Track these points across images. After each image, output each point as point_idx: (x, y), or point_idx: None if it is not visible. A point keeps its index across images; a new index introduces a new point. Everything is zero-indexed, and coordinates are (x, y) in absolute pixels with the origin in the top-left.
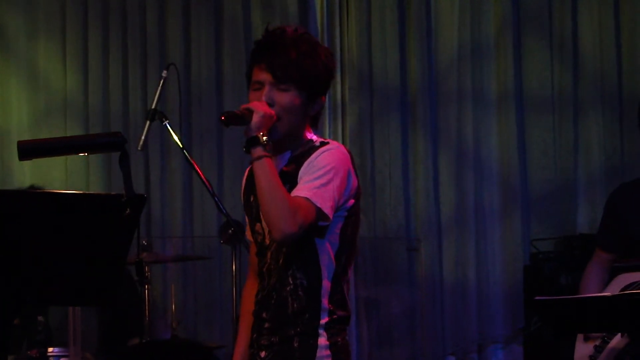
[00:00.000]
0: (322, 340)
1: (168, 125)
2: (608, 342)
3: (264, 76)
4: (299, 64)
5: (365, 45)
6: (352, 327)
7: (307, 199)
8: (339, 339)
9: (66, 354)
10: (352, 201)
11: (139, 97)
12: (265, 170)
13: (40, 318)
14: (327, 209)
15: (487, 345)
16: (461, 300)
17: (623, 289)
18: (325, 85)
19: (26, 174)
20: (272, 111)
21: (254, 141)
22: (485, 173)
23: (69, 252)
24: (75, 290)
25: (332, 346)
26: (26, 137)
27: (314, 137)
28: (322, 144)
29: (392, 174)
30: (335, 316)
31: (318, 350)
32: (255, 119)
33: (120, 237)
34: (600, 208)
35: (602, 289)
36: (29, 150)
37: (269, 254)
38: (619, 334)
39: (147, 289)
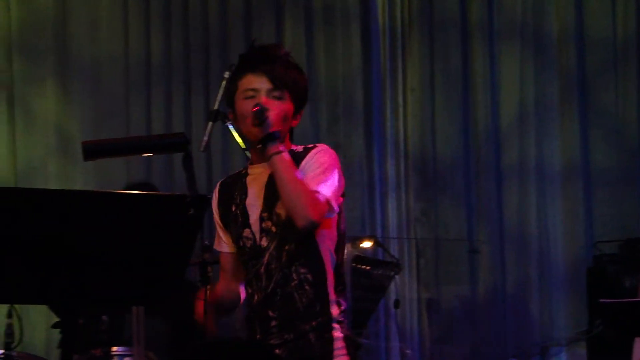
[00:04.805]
0: (337, 333)
1: (230, 127)
2: None
3: (260, 84)
4: (293, 75)
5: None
6: (414, 326)
7: (318, 191)
8: (349, 333)
9: (129, 353)
10: (341, 199)
11: (201, 98)
12: (286, 163)
13: (104, 317)
14: (334, 202)
15: (550, 348)
16: (523, 303)
17: None
18: (305, 101)
19: (90, 174)
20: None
21: (272, 137)
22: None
23: (132, 253)
24: (138, 292)
25: (345, 339)
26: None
27: (293, 146)
28: (307, 149)
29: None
30: (342, 307)
31: (334, 343)
32: (272, 115)
33: (184, 238)
34: None
35: None
36: (94, 150)
37: (267, 255)
38: None
39: (209, 289)
